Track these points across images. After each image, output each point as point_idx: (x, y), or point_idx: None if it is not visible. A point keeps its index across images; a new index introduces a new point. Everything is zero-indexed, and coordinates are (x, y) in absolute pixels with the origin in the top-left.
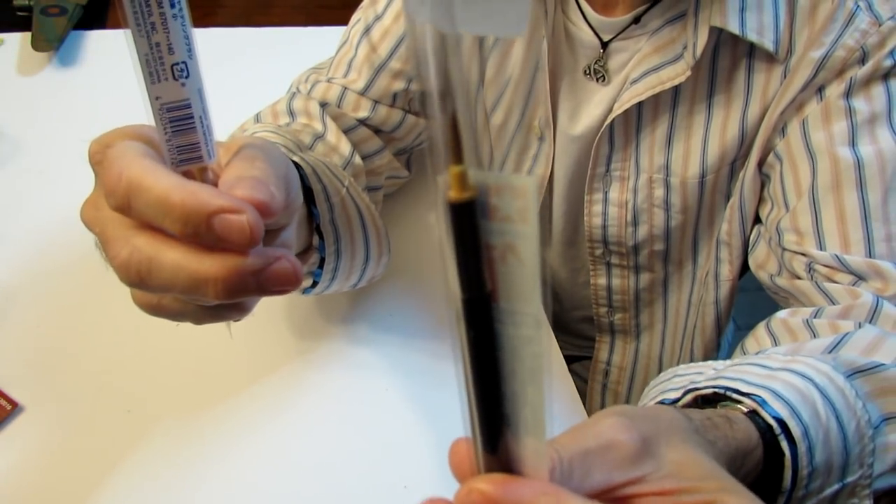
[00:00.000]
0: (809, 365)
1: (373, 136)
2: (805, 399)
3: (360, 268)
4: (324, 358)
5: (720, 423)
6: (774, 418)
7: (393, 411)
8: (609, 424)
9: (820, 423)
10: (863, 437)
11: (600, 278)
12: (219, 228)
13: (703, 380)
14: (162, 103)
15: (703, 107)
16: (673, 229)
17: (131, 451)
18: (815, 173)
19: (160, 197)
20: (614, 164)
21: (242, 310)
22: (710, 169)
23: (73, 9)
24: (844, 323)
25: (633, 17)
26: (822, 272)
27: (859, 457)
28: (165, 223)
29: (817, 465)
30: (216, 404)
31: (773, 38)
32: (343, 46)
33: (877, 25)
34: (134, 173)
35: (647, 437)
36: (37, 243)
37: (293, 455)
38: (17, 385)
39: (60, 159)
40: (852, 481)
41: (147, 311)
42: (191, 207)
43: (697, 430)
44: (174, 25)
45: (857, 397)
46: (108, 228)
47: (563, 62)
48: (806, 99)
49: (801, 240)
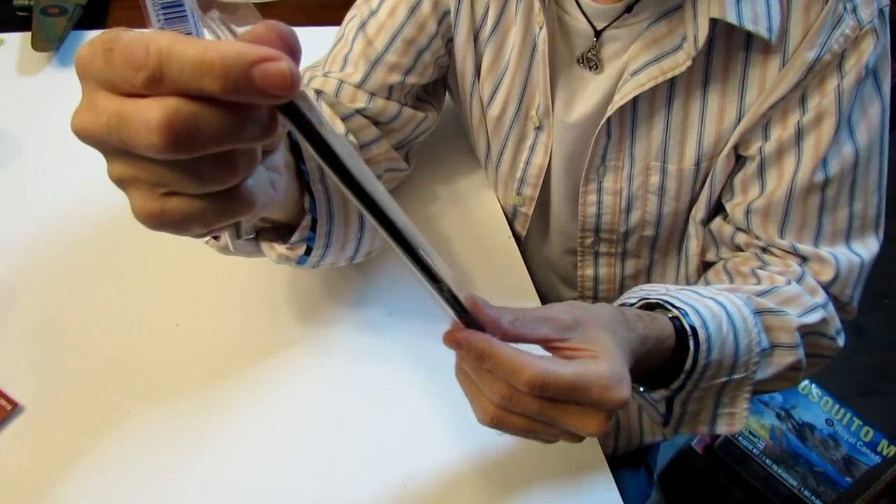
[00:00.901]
0: (728, 298)
1: (370, 125)
2: (715, 317)
3: (354, 236)
4: (324, 358)
5: (645, 318)
6: (690, 326)
7: (393, 411)
8: (558, 307)
9: (721, 335)
10: (751, 351)
11: (587, 268)
12: (259, 79)
13: (655, 295)
14: None
15: (698, 95)
16: (665, 215)
17: (131, 451)
18: (797, 172)
19: (195, 57)
20: (610, 155)
21: (250, 203)
22: (706, 156)
23: (73, 9)
24: (780, 278)
25: (625, 6)
26: (776, 254)
27: (745, 363)
28: (204, 83)
29: (712, 360)
30: (216, 404)
31: (766, 26)
32: (339, 42)
33: (858, 30)
34: (163, 43)
35: (577, 318)
36: (37, 243)
37: (294, 455)
38: (17, 385)
39: (60, 159)
40: (738, 378)
41: (151, 221)
42: (230, 62)
43: (625, 320)
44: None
45: (755, 325)
46: (127, 106)
47: (558, 51)
48: (790, 107)
49: (765, 226)
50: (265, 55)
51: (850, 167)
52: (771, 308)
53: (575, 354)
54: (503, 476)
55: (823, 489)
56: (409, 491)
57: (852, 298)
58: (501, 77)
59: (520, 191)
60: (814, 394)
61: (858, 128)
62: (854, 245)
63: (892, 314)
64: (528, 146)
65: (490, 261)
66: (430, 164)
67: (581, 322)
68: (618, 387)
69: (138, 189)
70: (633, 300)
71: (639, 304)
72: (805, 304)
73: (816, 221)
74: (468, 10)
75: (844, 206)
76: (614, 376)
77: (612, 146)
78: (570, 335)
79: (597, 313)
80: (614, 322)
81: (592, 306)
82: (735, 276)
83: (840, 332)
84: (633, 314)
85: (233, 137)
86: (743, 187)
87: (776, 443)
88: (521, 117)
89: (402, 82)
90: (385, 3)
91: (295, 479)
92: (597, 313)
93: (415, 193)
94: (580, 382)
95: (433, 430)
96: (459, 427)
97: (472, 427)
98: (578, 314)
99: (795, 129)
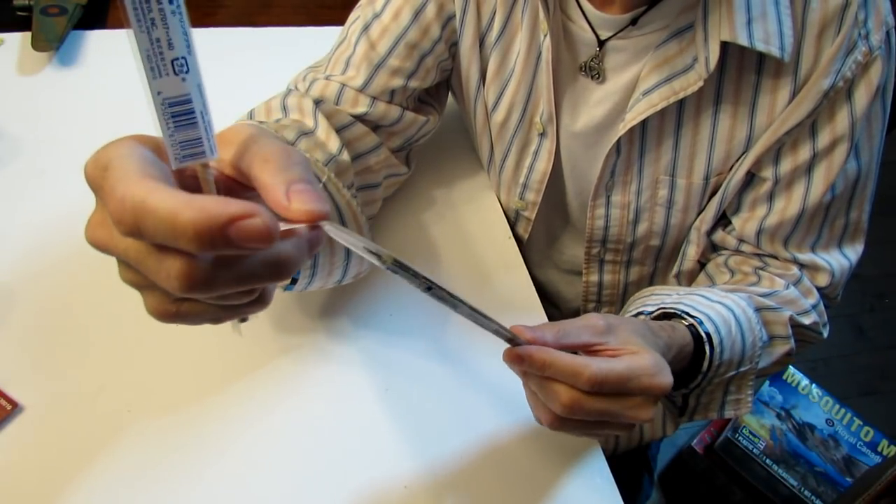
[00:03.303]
0: (733, 301)
1: (369, 133)
2: (725, 321)
3: (341, 265)
4: (324, 358)
5: (667, 327)
6: (705, 333)
7: (393, 411)
8: (592, 315)
9: (731, 337)
10: (755, 345)
11: (592, 275)
12: (236, 237)
13: (669, 301)
14: (164, 98)
15: (709, 114)
16: (672, 227)
17: (131, 451)
18: (807, 194)
19: (168, 218)
20: (619, 170)
21: (261, 302)
22: (715, 171)
23: (73, 9)
24: (779, 280)
25: (630, 18)
26: (778, 260)
27: (750, 357)
28: (180, 244)
29: (724, 360)
30: (217, 404)
31: (779, 45)
32: (341, 44)
33: (869, 55)
34: (137, 197)
35: (611, 324)
36: (37, 243)
37: (294, 455)
38: (17, 385)
39: (60, 159)
40: (743, 370)
41: (164, 320)
42: (202, 224)
43: (650, 329)
44: (173, 21)
45: (757, 322)
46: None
47: (562, 59)
48: (803, 132)
49: (773, 241)
50: (240, 212)
51: (853, 183)
52: (770, 305)
53: (616, 353)
54: (503, 475)
55: (824, 489)
56: (410, 491)
57: (839, 295)
58: (506, 83)
59: (523, 196)
60: (814, 394)
61: (864, 147)
62: (845, 249)
63: (892, 314)
64: (532, 152)
65: (490, 261)
66: (430, 165)
67: (614, 326)
68: (661, 374)
69: (153, 293)
70: (652, 308)
71: (656, 313)
72: (801, 307)
73: (817, 233)
74: (474, 15)
75: (842, 216)
76: (657, 365)
77: (621, 162)
78: (607, 338)
79: (626, 320)
80: (643, 328)
81: (621, 316)
82: (736, 272)
83: (825, 325)
84: (656, 325)
85: (253, 281)
86: (752, 205)
87: (776, 443)
88: (526, 123)
89: (405, 86)
90: (389, 5)
91: (295, 478)
92: (626, 320)
93: (416, 194)
94: (631, 373)
95: (433, 430)
96: (460, 427)
97: (473, 427)
98: (611, 320)
99: (809, 154)
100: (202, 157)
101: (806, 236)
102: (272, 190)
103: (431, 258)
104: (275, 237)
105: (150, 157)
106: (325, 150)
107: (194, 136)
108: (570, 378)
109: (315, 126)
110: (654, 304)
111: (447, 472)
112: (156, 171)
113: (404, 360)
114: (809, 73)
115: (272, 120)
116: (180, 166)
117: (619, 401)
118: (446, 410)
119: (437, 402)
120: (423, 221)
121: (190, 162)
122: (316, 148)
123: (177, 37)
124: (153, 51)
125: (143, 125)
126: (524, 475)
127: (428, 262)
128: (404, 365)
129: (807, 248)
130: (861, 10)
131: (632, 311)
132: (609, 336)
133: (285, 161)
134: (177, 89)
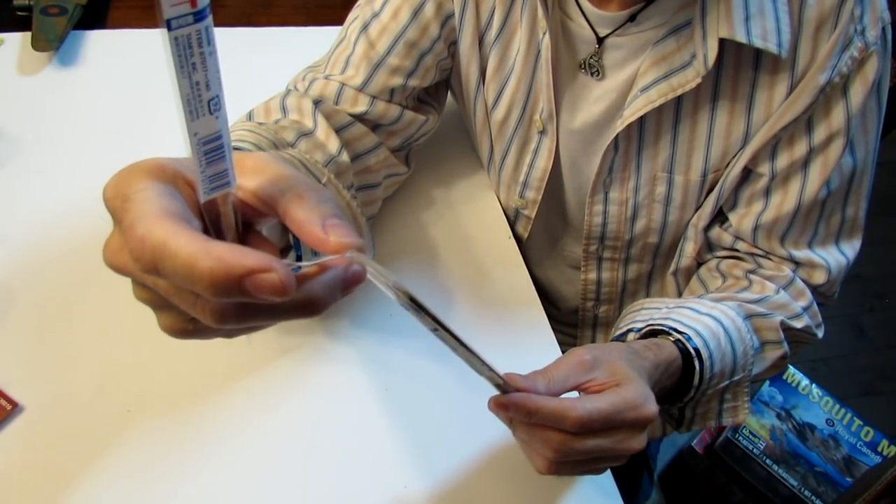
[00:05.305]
0: (722, 311)
1: (368, 133)
2: (714, 335)
3: None
4: (324, 358)
5: (653, 347)
6: (693, 349)
7: (393, 411)
8: (576, 351)
9: (720, 350)
10: (746, 355)
11: (591, 273)
12: (251, 289)
13: (658, 316)
14: (199, 138)
15: (707, 111)
16: (669, 224)
17: (131, 451)
18: (803, 190)
19: (186, 266)
20: (617, 167)
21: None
22: (712, 168)
23: (73, 9)
24: (769, 285)
25: (629, 15)
26: (772, 260)
27: (742, 366)
28: (196, 290)
29: (715, 373)
30: (217, 404)
31: (776, 41)
32: (340, 44)
33: (864, 51)
34: (157, 240)
35: (596, 357)
36: (37, 243)
37: (293, 454)
38: (17, 385)
39: (60, 159)
40: (737, 379)
41: (177, 337)
42: (219, 274)
43: (635, 352)
44: (211, 62)
45: (747, 331)
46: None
47: (561, 57)
48: (798, 128)
49: (769, 238)
50: (256, 267)
51: (848, 179)
52: (760, 311)
53: (602, 387)
54: (503, 476)
55: (824, 489)
56: (410, 491)
57: (835, 293)
58: (506, 81)
59: (523, 194)
60: (814, 394)
61: (859, 142)
62: (842, 245)
63: (892, 314)
64: (532, 150)
65: (490, 260)
66: (430, 164)
67: (599, 359)
68: (645, 404)
69: (168, 312)
70: (640, 325)
71: (645, 330)
72: (792, 311)
73: (813, 229)
74: (473, 14)
75: (838, 212)
76: (640, 396)
77: (619, 159)
78: (593, 374)
79: (610, 348)
80: (628, 353)
81: (605, 344)
82: (728, 276)
83: (819, 326)
84: (640, 346)
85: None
86: (748, 201)
87: (776, 443)
88: (525, 121)
89: (404, 85)
90: (388, 4)
91: (295, 478)
92: (610, 348)
93: (415, 194)
94: (615, 409)
95: (433, 430)
96: (460, 427)
97: (473, 427)
98: (596, 353)
99: (805, 150)
100: (227, 188)
101: (802, 233)
102: (308, 225)
103: (431, 258)
104: (290, 292)
105: (168, 191)
106: (324, 150)
107: (222, 169)
108: (556, 422)
109: (314, 127)
110: (643, 319)
111: (447, 472)
112: (175, 206)
113: (404, 361)
114: (806, 69)
115: (271, 121)
116: (208, 198)
117: (608, 436)
118: (446, 410)
119: (437, 403)
120: (422, 221)
121: (216, 194)
122: (315, 149)
123: (213, 77)
124: (192, 94)
125: (142, 125)
126: (524, 475)
127: (428, 261)
128: (404, 365)
129: (803, 245)
130: (857, 7)
131: (622, 328)
132: (595, 371)
133: (318, 198)
134: (211, 128)
